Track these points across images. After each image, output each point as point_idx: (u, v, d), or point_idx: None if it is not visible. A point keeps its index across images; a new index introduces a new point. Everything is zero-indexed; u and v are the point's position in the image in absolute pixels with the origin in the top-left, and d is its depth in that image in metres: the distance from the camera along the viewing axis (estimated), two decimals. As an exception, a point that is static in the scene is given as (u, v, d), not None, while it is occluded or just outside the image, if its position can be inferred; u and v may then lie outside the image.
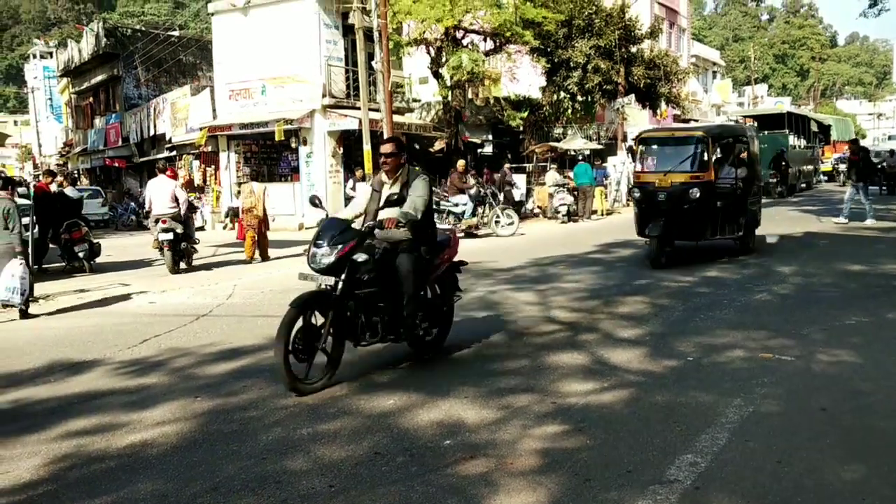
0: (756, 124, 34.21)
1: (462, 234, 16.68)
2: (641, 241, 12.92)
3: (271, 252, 15.44)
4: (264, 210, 15.20)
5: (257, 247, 15.02)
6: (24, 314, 9.38)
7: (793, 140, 31.76)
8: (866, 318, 7.43)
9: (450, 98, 25.12)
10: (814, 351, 6.25)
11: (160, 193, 13.44)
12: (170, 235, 13.04)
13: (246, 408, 5.30)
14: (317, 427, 4.83)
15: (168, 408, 5.37)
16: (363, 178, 18.87)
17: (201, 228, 26.27)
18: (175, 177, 14.66)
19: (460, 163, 20.48)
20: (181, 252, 13.56)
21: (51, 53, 56.93)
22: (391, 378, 5.96)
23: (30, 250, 11.04)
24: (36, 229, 12.80)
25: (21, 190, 13.46)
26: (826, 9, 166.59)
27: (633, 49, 29.50)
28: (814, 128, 35.77)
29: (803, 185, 32.62)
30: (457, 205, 18.40)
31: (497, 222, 18.77)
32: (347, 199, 18.73)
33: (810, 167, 34.79)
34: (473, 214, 18.55)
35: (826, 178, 40.02)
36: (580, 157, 26.02)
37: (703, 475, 3.87)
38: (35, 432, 4.94)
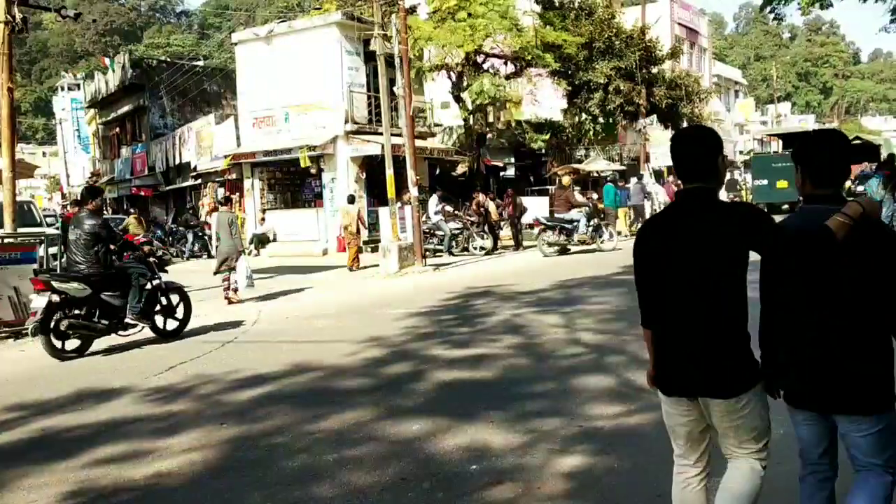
0: (781, 143, 34.44)
1: (575, 249, 18.64)
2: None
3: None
4: (358, 226, 18.19)
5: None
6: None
7: None
8: None
9: (471, 122, 25.24)
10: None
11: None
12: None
13: (272, 434, 5.30)
14: (343, 453, 4.81)
15: (195, 435, 5.38)
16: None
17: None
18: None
19: (566, 179, 21.09)
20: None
21: (78, 85, 58.06)
22: (416, 403, 5.93)
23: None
24: (64, 258, 12.96)
25: (50, 220, 13.68)
26: (848, 26, 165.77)
27: (655, 70, 29.51)
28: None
29: None
30: (571, 221, 18.81)
31: (600, 238, 19.40)
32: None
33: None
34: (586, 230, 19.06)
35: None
36: (608, 179, 25.98)
37: (734, 499, 3.79)
38: (63, 460, 4.97)
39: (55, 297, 8.52)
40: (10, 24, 12.06)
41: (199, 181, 30.51)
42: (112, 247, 9.08)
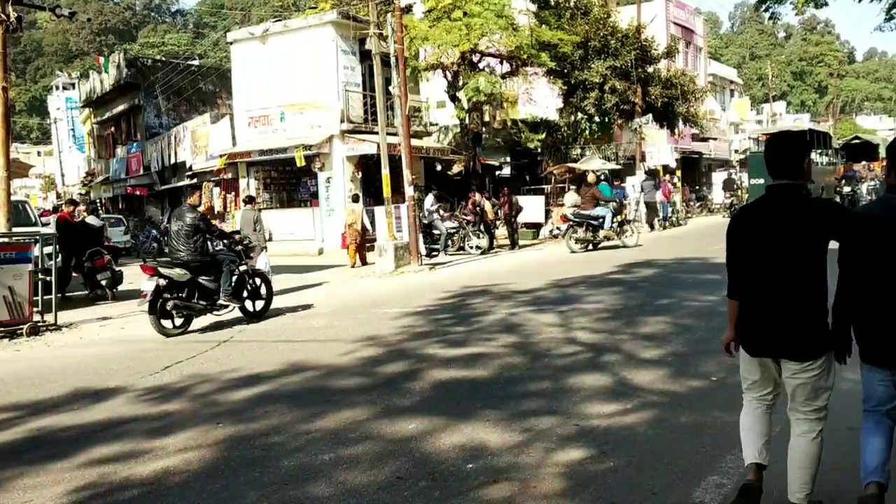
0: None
1: (598, 245, 19.22)
2: (662, 260, 12.78)
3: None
4: (363, 225, 18.82)
5: (358, 254, 18.60)
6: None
7: (815, 157, 31.84)
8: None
9: (467, 121, 25.23)
10: (840, 369, 6.14)
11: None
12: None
13: (268, 434, 5.30)
14: (339, 452, 4.81)
15: (190, 434, 5.38)
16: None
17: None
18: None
19: (591, 176, 21.55)
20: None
21: (73, 85, 57.98)
22: (412, 402, 5.94)
23: (54, 278, 11.19)
24: (59, 258, 12.95)
25: (45, 220, 13.66)
26: (843, 25, 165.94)
27: (650, 69, 29.53)
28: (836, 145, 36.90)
29: None
30: (598, 217, 19.19)
31: (624, 234, 19.84)
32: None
33: (833, 181, 35.07)
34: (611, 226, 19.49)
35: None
36: (602, 178, 26.07)
37: (729, 497, 3.80)
38: (59, 460, 4.96)
39: (162, 282, 9.71)
40: (5, 23, 12.02)
41: (195, 181, 30.45)
42: (209, 236, 10.44)
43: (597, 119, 28.75)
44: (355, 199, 19.62)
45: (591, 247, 19.17)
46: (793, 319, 3.39)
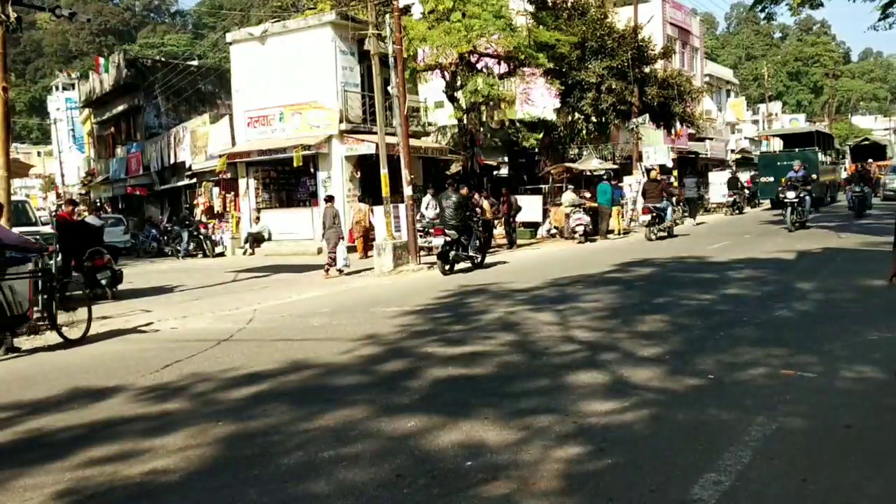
0: (783, 142, 36.10)
1: (665, 233, 21.74)
2: (660, 259, 12.81)
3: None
4: (370, 222, 22.07)
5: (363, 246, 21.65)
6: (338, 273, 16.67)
7: (821, 156, 32.91)
8: (889, 333, 7.35)
9: (465, 121, 25.26)
10: (836, 367, 6.19)
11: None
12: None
13: (267, 432, 5.31)
14: (338, 450, 4.83)
15: (190, 433, 5.39)
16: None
17: (221, 254, 26.52)
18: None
19: (653, 173, 23.39)
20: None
21: (73, 85, 58.03)
22: (411, 400, 5.95)
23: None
24: (59, 257, 12.93)
25: (44, 219, 13.66)
26: (839, 25, 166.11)
27: (647, 69, 29.59)
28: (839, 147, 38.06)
29: (828, 200, 33.52)
30: (664, 209, 21.89)
31: (676, 224, 23.35)
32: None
33: (835, 180, 36.62)
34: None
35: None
36: (604, 178, 26.15)
37: (727, 494, 3.83)
38: (58, 460, 4.97)
39: (448, 239, 15.60)
40: (4, 24, 12.03)
41: (194, 181, 30.47)
42: (468, 213, 16.52)
43: (594, 119, 28.81)
44: (360, 199, 22.82)
45: (664, 234, 21.71)
46: None
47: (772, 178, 30.83)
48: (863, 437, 4.59)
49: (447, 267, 15.56)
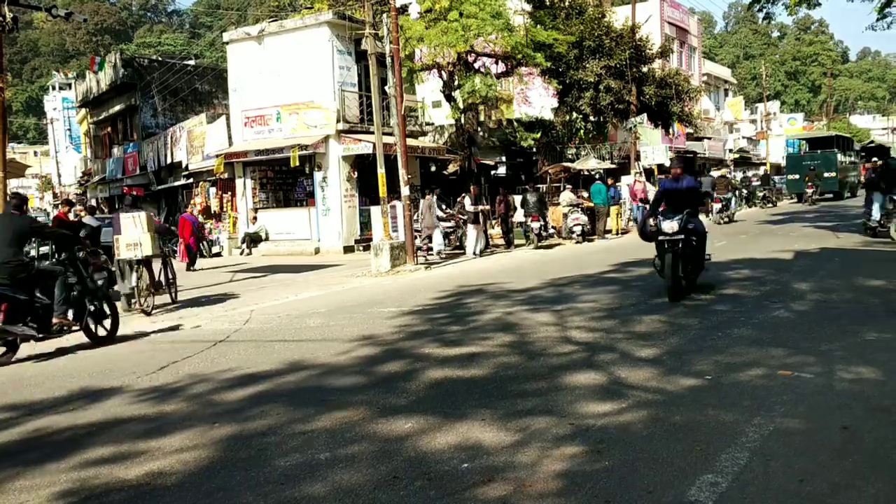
0: (807, 145, 40.53)
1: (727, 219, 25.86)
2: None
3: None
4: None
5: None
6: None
7: (841, 157, 38.03)
8: (887, 333, 7.34)
9: (462, 121, 25.24)
10: (834, 368, 6.19)
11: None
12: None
13: (264, 433, 5.31)
14: (335, 452, 4.83)
15: (186, 434, 5.39)
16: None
17: (218, 254, 26.50)
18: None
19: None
20: None
21: (70, 85, 57.90)
22: (408, 401, 5.95)
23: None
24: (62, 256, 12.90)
25: (41, 219, 13.63)
26: (836, 25, 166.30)
27: (645, 68, 29.57)
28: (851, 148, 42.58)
29: (848, 195, 38.68)
30: (730, 200, 26.60)
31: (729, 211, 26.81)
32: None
33: (854, 179, 40.78)
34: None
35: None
36: (597, 177, 26.12)
37: (724, 495, 3.83)
38: (55, 461, 4.97)
39: (539, 224, 20.95)
40: (1, 23, 12.01)
41: (191, 180, 30.44)
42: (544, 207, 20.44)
43: (592, 118, 28.80)
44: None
45: (726, 220, 26.09)
46: None
47: (797, 176, 37.19)
48: (860, 439, 4.59)
49: (540, 243, 21.11)
